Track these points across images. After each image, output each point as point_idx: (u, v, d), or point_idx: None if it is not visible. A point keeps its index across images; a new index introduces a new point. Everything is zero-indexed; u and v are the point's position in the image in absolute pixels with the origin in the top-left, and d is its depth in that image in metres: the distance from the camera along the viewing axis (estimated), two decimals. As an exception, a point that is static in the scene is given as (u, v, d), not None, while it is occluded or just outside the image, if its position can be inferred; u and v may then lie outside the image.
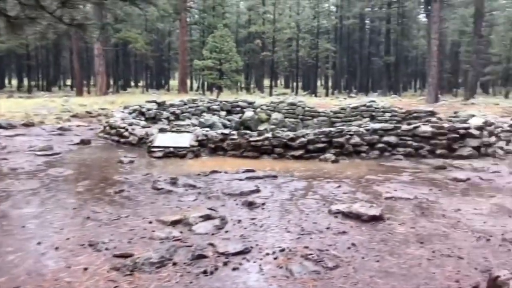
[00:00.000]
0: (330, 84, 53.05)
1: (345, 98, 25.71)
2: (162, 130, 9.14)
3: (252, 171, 7.03)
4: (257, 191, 5.71)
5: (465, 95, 23.56)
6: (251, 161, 8.27)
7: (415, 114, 15.70)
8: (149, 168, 7.54)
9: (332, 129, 8.90)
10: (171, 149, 8.49)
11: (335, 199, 5.38)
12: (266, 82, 65.14)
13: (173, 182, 6.10)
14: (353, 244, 3.85)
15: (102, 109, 16.49)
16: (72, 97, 27.34)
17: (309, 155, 8.48)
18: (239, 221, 4.49)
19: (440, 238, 4.02)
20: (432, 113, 15.30)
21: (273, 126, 16.46)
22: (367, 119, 16.24)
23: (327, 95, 40.33)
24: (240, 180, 6.44)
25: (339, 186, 6.11)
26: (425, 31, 42.05)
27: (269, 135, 8.74)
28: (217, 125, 15.61)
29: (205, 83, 44.21)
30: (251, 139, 8.64)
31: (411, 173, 7.18)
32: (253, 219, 4.57)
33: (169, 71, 58.43)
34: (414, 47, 53.21)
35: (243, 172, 6.95)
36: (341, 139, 8.61)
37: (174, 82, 54.05)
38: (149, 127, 10.20)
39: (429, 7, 24.92)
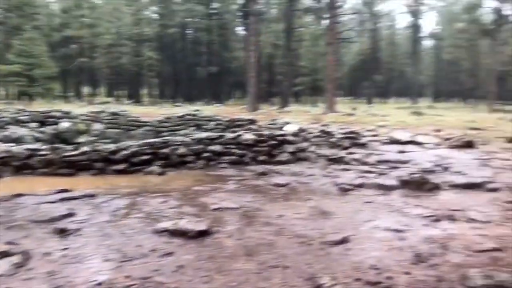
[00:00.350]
0: (156, 93, 52.33)
1: (171, 107, 25.49)
2: None
3: (67, 191, 6.23)
4: (71, 214, 5.02)
5: (280, 104, 25.58)
6: (67, 179, 7.38)
7: (238, 122, 16.32)
8: None
9: (157, 140, 8.53)
10: (-38, 171, 7.05)
11: (161, 216, 5.04)
12: (87, 90, 61.00)
13: (-39, 212, 4.99)
14: (181, 266, 3.58)
15: None
16: None
17: (134, 168, 7.95)
18: (47, 254, 3.82)
19: (266, 248, 4.02)
20: (253, 121, 16.11)
21: (94, 138, 15.24)
22: (193, 127, 16.27)
23: (152, 104, 39.55)
24: (52, 202, 5.62)
25: (165, 201, 5.79)
26: (243, 43, 44.65)
27: (87, 148, 7.94)
28: (27, 139, 13.75)
29: (15, 92, 39.16)
30: (65, 154, 7.72)
31: (236, 181, 7.26)
32: (65, 249, 3.94)
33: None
34: (235, 58, 56.08)
35: (56, 193, 6.10)
36: (166, 150, 8.31)
37: (-28, 90, 46.53)
38: None
39: (246, 21, 26.45)
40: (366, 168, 8.50)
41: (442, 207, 5.53)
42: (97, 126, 15.46)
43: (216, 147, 8.79)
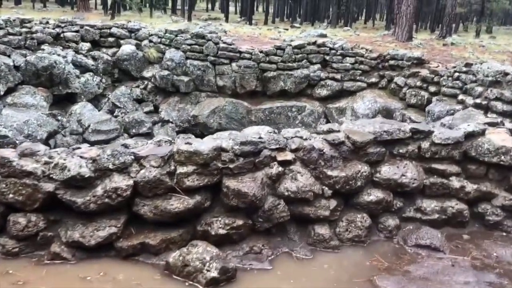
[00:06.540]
0: (271, 10, 45.86)
1: (286, 29, 19.41)
2: None
3: None
4: None
5: (440, 32, 18.14)
6: None
7: (392, 62, 9.92)
8: None
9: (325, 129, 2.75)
10: None
11: None
12: (202, 5, 56.30)
13: None
14: None
15: None
16: None
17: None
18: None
19: None
20: (421, 61, 9.56)
21: (166, 72, 10.09)
22: (317, 66, 10.26)
23: (266, 23, 33.46)
24: None
25: None
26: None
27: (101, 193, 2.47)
28: (65, 68, 8.93)
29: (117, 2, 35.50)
30: None
31: None
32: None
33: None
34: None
35: None
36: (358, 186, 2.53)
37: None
38: None
39: None
40: None
41: None
42: (173, 54, 10.17)
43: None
